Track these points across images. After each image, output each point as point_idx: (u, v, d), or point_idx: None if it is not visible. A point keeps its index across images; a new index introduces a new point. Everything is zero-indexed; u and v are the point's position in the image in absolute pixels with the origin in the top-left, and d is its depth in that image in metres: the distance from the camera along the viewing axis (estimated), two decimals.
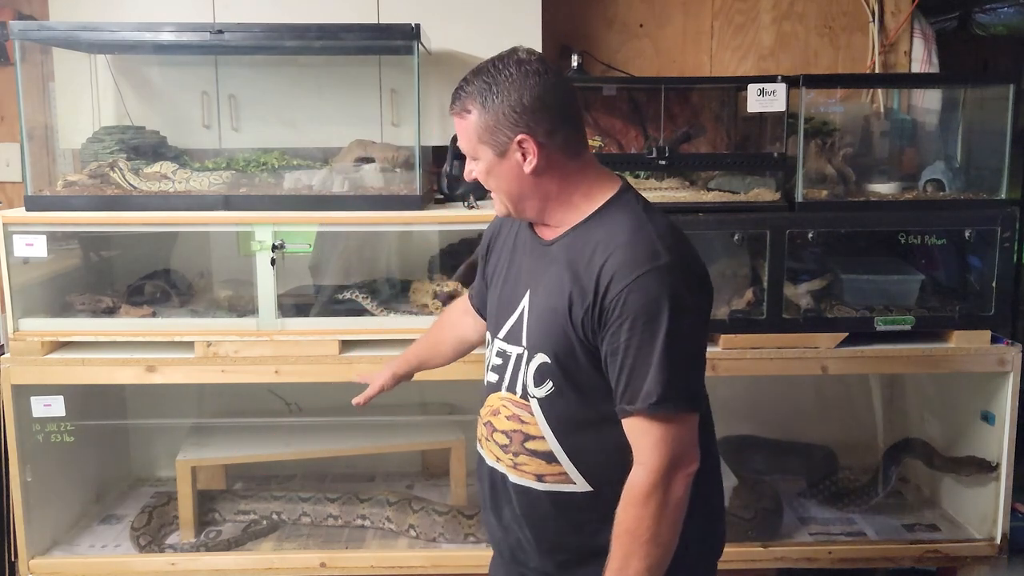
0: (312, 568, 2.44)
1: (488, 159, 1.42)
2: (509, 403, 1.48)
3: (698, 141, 2.69)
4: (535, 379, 1.44)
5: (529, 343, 1.45)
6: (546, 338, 1.42)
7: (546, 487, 1.46)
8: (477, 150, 1.42)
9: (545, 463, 1.45)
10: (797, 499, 2.73)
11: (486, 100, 1.39)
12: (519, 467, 1.48)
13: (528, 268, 1.49)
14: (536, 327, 1.44)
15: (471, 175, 1.48)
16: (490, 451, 1.54)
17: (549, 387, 1.43)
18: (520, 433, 1.46)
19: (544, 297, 1.44)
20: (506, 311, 1.51)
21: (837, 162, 2.56)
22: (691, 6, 2.93)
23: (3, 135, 2.91)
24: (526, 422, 1.46)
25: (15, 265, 2.34)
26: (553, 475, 1.45)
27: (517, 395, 1.47)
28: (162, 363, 2.34)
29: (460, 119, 1.42)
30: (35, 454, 2.40)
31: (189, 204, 2.36)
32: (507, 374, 1.49)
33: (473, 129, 1.40)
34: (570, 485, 1.45)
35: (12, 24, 2.34)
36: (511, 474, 1.49)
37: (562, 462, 1.44)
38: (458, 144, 1.48)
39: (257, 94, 2.69)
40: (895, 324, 2.42)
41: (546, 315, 1.43)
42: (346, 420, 2.70)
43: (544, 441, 1.45)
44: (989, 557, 2.48)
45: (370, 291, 2.51)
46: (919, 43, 2.90)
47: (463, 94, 1.41)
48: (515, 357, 1.47)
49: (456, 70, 2.60)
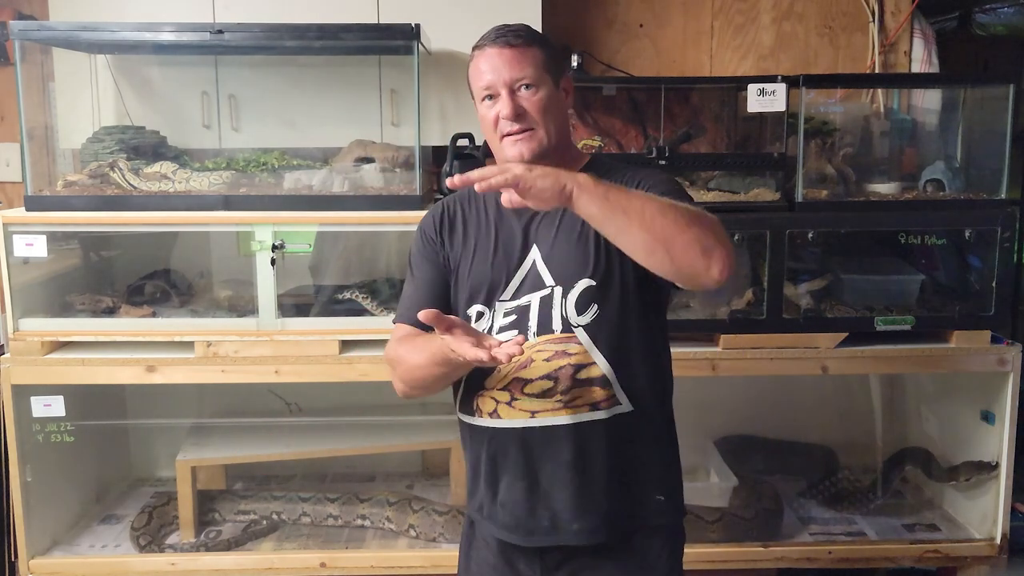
0: (312, 568, 2.44)
1: (550, 87, 1.53)
2: (547, 344, 1.51)
3: (698, 141, 2.69)
4: (578, 307, 1.51)
5: (561, 280, 1.52)
6: (583, 267, 1.51)
7: (601, 414, 1.51)
8: (542, 77, 1.52)
9: (600, 389, 1.51)
10: (797, 499, 2.73)
11: (545, 41, 1.56)
12: (571, 404, 1.51)
13: (522, 229, 1.57)
14: (565, 263, 1.52)
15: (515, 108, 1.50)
16: (522, 409, 1.53)
17: (594, 311, 1.51)
18: (569, 367, 1.50)
19: (564, 238, 1.53)
20: (504, 275, 1.56)
21: (837, 162, 2.56)
22: (691, 6, 2.93)
23: (3, 135, 2.91)
24: (573, 353, 1.50)
25: (15, 265, 2.34)
26: (606, 400, 1.51)
27: (557, 332, 1.51)
28: (162, 363, 2.34)
29: (522, 50, 1.51)
30: (35, 454, 2.40)
31: (189, 204, 2.36)
32: (533, 320, 1.52)
33: (539, 58, 1.52)
34: (619, 407, 1.52)
35: (12, 24, 2.34)
36: (560, 416, 1.51)
37: (613, 384, 1.51)
38: (519, 72, 1.51)
39: (257, 94, 2.69)
40: (895, 324, 2.42)
41: (577, 249, 1.52)
42: (346, 420, 2.70)
43: (596, 366, 1.51)
44: (989, 557, 2.48)
45: (370, 291, 2.51)
46: (919, 43, 2.90)
47: (522, 32, 1.53)
48: (540, 300, 1.52)
49: (456, 70, 2.61)
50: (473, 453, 1.63)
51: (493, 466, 1.58)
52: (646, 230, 1.32)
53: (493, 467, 1.58)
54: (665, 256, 1.33)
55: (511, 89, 1.51)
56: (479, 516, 1.64)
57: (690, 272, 1.35)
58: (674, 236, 1.32)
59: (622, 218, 1.33)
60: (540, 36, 1.57)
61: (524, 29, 1.55)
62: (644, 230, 1.32)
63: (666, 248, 1.32)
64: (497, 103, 1.52)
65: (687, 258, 1.33)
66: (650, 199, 1.35)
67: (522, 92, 1.51)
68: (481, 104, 1.56)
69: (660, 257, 1.33)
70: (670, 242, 1.32)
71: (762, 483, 2.64)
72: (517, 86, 1.51)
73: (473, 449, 1.62)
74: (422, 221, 1.69)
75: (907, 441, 2.82)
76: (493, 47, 1.53)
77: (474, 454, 1.62)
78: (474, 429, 1.60)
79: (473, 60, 1.58)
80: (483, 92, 1.55)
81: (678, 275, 1.37)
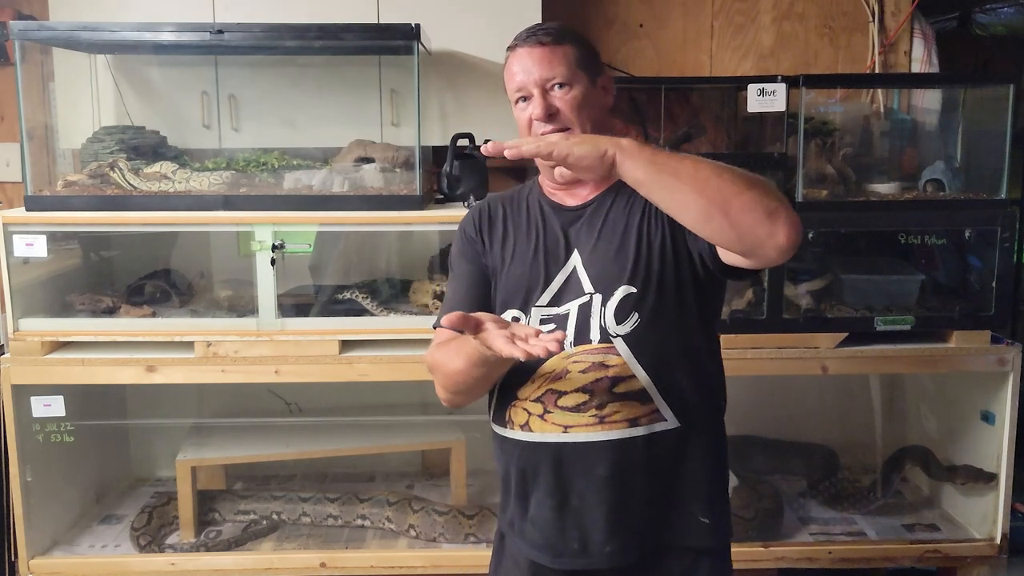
0: (312, 568, 2.44)
1: (584, 85, 1.48)
2: (584, 355, 1.45)
3: (698, 141, 2.68)
4: (617, 316, 1.44)
5: (600, 286, 1.45)
6: (622, 272, 1.44)
7: (641, 430, 1.44)
8: (575, 75, 1.47)
9: (639, 404, 1.44)
10: (797, 499, 2.73)
11: (578, 37, 1.51)
12: (607, 419, 1.43)
13: (560, 234, 1.51)
14: (604, 269, 1.46)
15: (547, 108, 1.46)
16: (555, 423, 1.46)
17: (635, 320, 1.44)
18: (606, 379, 1.43)
19: (605, 243, 1.47)
20: (542, 281, 1.50)
21: (837, 162, 2.56)
22: (691, 6, 2.93)
23: (3, 135, 2.91)
24: (611, 365, 1.43)
25: (15, 265, 2.34)
26: (647, 415, 1.44)
27: (594, 342, 1.44)
28: (162, 363, 2.33)
29: (553, 48, 1.47)
30: (35, 454, 2.40)
31: (189, 204, 2.36)
32: (570, 329, 1.46)
33: (572, 56, 1.48)
34: (662, 423, 1.45)
35: (12, 24, 2.34)
36: (596, 432, 1.44)
37: (654, 398, 1.44)
38: (549, 71, 1.47)
39: (257, 94, 2.69)
40: (895, 324, 2.42)
41: (617, 254, 1.46)
42: (346, 420, 2.71)
43: (636, 380, 1.44)
44: (989, 557, 2.48)
45: (370, 291, 2.51)
46: (919, 43, 2.90)
47: (553, 30, 1.49)
48: (578, 308, 1.46)
49: (456, 70, 2.61)
50: (504, 466, 1.56)
51: (523, 481, 1.52)
52: (700, 193, 1.22)
53: (523, 482, 1.52)
54: (723, 221, 1.23)
55: (543, 89, 1.47)
56: (510, 531, 1.58)
57: (752, 239, 1.24)
58: (732, 198, 1.22)
59: (672, 181, 1.24)
60: (573, 33, 1.52)
61: (556, 27, 1.51)
62: (698, 193, 1.22)
63: (724, 211, 1.22)
64: (530, 104, 1.48)
65: (748, 221, 1.22)
66: (702, 160, 1.26)
67: (555, 91, 1.47)
68: (516, 107, 1.52)
69: (718, 223, 1.23)
70: (728, 204, 1.22)
71: (762, 483, 2.64)
72: (549, 85, 1.47)
73: (504, 461, 1.56)
74: (463, 221, 1.65)
75: (907, 441, 2.81)
76: (524, 47, 1.49)
77: (505, 467, 1.56)
78: (505, 441, 1.53)
79: (507, 62, 1.53)
80: (516, 94, 1.50)
81: (739, 243, 1.26)
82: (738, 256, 1.31)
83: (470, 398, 1.53)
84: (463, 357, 1.42)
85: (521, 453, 1.50)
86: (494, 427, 1.57)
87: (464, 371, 1.44)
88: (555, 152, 1.23)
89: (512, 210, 1.60)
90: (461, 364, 1.43)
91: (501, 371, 1.47)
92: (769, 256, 1.26)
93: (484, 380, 1.48)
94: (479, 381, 1.47)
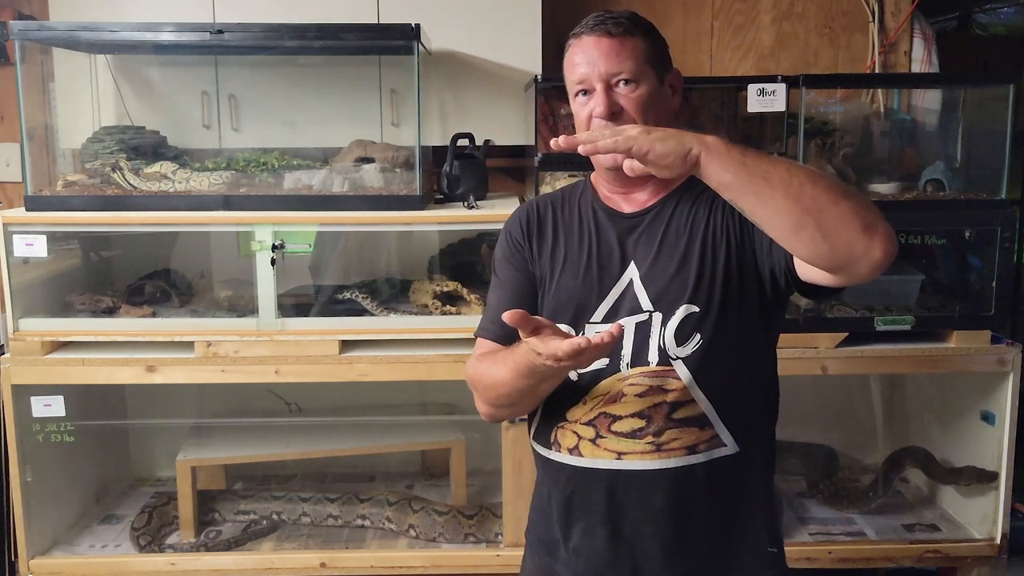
0: (312, 568, 2.44)
1: (652, 82, 1.37)
2: (641, 377, 1.35)
3: None
4: (677, 337, 1.34)
5: (660, 304, 1.35)
6: (684, 290, 1.34)
7: (700, 458, 1.35)
8: (643, 71, 1.36)
9: (698, 430, 1.34)
10: (797, 499, 2.73)
11: (649, 30, 1.40)
12: (665, 447, 1.34)
13: (616, 244, 1.41)
14: (665, 284, 1.36)
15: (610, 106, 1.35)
16: (609, 449, 1.36)
17: (696, 341, 1.34)
18: (664, 405, 1.33)
19: (666, 256, 1.37)
20: (596, 294, 1.39)
21: (837, 162, 2.56)
22: (691, 6, 2.93)
23: (3, 135, 2.91)
24: (671, 389, 1.34)
25: (15, 265, 2.34)
26: (706, 442, 1.35)
27: (652, 364, 1.35)
28: (162, 363, 2.33)
29: (621, 40, 1.36)
30: (35, 454, 2.40)
31: (189, 204, 2.36)
32: (626, 350, 1.36)
33: (641, 50, 1.37)
34: (722, 448, 1.36)
35: (12, 24, 2.34)
36: (654, 460, 1.34)
37: (714, 424, 1.35)
38: (616, 65, 1.35)
39: (257, 94, 2.69)
40: (895, 324, 2.42)
41: (679, 269, 1.36)
42: (346, 420, 2.71)
43: (696, 404, 1.34)
44: (989, 557, 2.48)
45: (370, 291, 2.51)
46: (919, 43, 2.90)
47: (624, 20, 1.38)
48: (636, 327, 1.36)
49: (456, 70, 2.61)
50: (545, 488, 1.47)
51: (568, 507, 1.42)
52: (793, 200, 1.12)
53: (567, 508, 1.42)
54: (816, 232, 1.13)
55: (607, 84, 1.35)
56: (544, 555, 1.49)
57: (847, 253, 1.14)
58: (827, 207, 1.12)
59: (763, 186, 1.13)
60: (644, 24, 1.41)
61: (627, 16, 1.39)
62: (791, 200, 1.12)
63: (818, 222, 1.12)
64: (591, 99, 1.36)
65: (844, 234, 1.13)
66: (795, 164, 1.16)
67: (620, 88, 1.35)
68: (574, 100, 1.40)
69: (810, 233, 1.13)
70: (823, 214, 1.12)
71: None
72: (614, 81, 1.35)
73: (547, 484, 1.46)
74: (507, 223, 1.52)
75: (907, 441, 2.82)
76: (591, 35, 1.37)
77: (546, 489, 1.47)
78: (549, 463, 1.43)
79: (568, 50, 1.41)
80: (576, 87, 1.38)
81: (831, 257, 1.16)
82: (822, 272, 1.22)
83: (515, 412, 1.45)
84: (509, 366, 1.32)
85: (568, 479, 1.41)
86: (535, 446, 1.47)
87: (509, 382, 1.34)
88: (634, 148, 1.13)
89: (563, 214, 1.48)
90: (507, 374, 1.34)
91: (550, 386, 1.36)
92: (860, 273, 1.18)
93: (530, 394, 1.37)
94: (524, 394, 1.36)
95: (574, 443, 1.39)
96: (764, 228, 1.19)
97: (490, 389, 1.40)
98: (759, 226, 1.21)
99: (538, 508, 1.51)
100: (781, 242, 1.19)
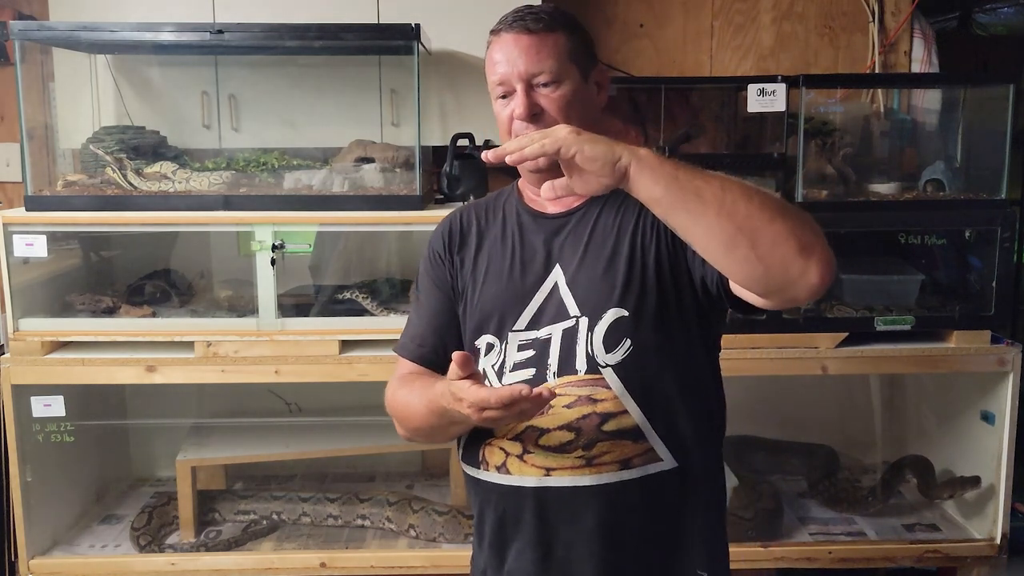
0: (312, 568, 2.44)
1: (576, 81, 1.31)
2: (568, 387, 1.28)
3: (698, 141, 2.68)
4: (606, 343, 1.27)
5: (587, 309, 1.28)
6: (612, 293, 1.28)
7: (634, 473, 1.27)
8: (565, 70, 1.30)
9: (631, 443, 1.27)
10: (797, 499, 2.73)
11: (572, 24, 1.34)
12: (595, 461, 1.26)
13: (541, 247, 1.35)
14: (592, 288, 1.29)
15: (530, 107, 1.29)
16: (535, 465, 1.29)
17: (627, 347, 1.27)
18: (594, 416, 1.26)
19: (593, 258, 1.30)
20: (518, 301, 1.33)
21: (837, 162, 2.56)
22: (691, 6, 2.93)
23: (3, 135, 2.91)
24: (600, 399, 1.26)
25: (15, 265, 2.34)
26: (640, 455, 1.27)
27: (580, 373, 1.27)
28: (162, 363, 2.33)
29: (542, 37, 1.30)
30: (35, 454, 2.40)
31: (189, 204, 2.36)
32: (553, 358, 1.29)
33: (563, 46, 1.31)
34: (658, 463, 1.28)
35: (12, 24, 2.34)
36: (583, 475, 1.27)
37: (649, 436, 1.27)
38: (536, 64, 1.29)
39: (257, 94, 2.69)
40: (895, 324, 2.42)
41: (607, 271, 1.29)
42: (346, 420, 2.70)
43: (628, 415, 1.26)
44: (989, 557, 2.48)
45: (370, 291, 2.51)
46: (919, 43, 2.90)
47: (544, 15, 1.31)
48: (563, 333, 1.29)
49: (456, 70, 2.61)
50: (478, 510, 1.40)
51: (500, 529, 1.35)
52: (727, 217, 1.06)
53: (500, 530, 1.35)
54: (749, 252, 1.07)
55: (528, 84, 1.29)
56: None
57: (781, 275, 1.09)
58: (762, 226, 1.06)
59: (695, 203, 1.07)
60: (566, 18, 1.34)
61: (548, 10, 1.32)
62: (724, 217, 1.06)
63: (751, 241, 1.06)
64: (512, 100, 1.30)
65: (778, 255, 1.07)
66: (730, 180, 1.10)
67: (541, 89, 1.29)
68: (495, 102, 1.34)
69: (743, 254, 1.08)
70: (757, 234, 1.06)
71: (762, 483, 2.64)
72: (535, 81, 1.29)
73: (478, 505, 1.40)
74: (431, 237, 1.47)
75: (907, 442, 2.82)
76: (509, 32, 1.30)
77: (479, 511, 1.40)
78: (478, 483, 1.37)
79: (488, 48, 1.35)
80: (496, 88, 1.33)
81: (764, 280, 1.11)
82: (754, 294, 1.16)
83: (431, 442, 1.42)
84: (423, 402, 1.28)
85: (498, 499, 1.33)
86: (464, 467, 1.39)
87: (422, 417, 1.30)
88: (563, 149, 1.08)
89: (487, 221, 1.42)
90: (421, 409, 1.29)
91: (461, 429, 1.32)
92: (795, 296, 1.12)
93: (442, 432, 1.33)
94: (435, 431, 1.32)
95: (501, 460, 1.31)
96: (696, 247, 1.14)
97: (405, 420, 1.37)
98: (691, 245, 1.15)
99: (475, 536, 1.44)
100: (713, 263, 1.14)
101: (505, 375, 1.33)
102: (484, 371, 1.35)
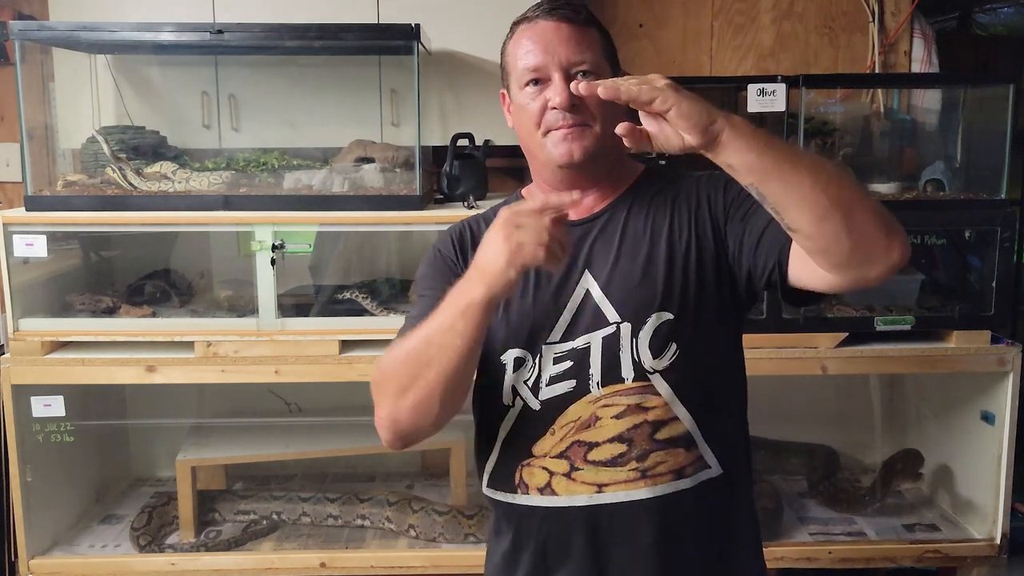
0: (312, 568, 2.44)
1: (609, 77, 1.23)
2: (615, 396, 1.22)
3: None
4: (653, 348, 1.22)
5: (628, 314, 1.23)
6: (655, 296, 1.23)
7: (688, 482, 1.24)
8: (601, 66, 1.26)
9: (684, 451, 1.23)
10: (797, 499, 2.73)
11: (601, 25, 1.31)
12: (650, 472, 1.21)
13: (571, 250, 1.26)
14: (631, 292, 1.24)
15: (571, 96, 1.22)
16: (587, 482, 1.22)
17: (674, 351, 1.22)
18: (646, 425, 1.21)
19: (627, 261, 1.26)
20: (548, 312, 1.27)
21: (837, 162, 2.56)
22: (691, 6, 2.93)
23: (3, 135, 2.91)
24: (651, 407, 1.22)
25: (15, 265, 2.34)
26: (692, 464, 1.24)
27: (628, 381, 1.22)
28: (162, 363, 2.33)
29: (582, 29, 1.25)
30: (35, 454, 2.40)
31: (189, 204, 2.36)
32: (595, 367, 1.23)
33: (600, 43, 1.27)
34: (707, 471, 1.25)
35: (12, 24, 2.34)
36: (640, 489, 1.21)
37: (698, 443, 1.24)
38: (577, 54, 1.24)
39: (257, 94, 2.69)
40: (895, 324, 2.42)
41: (645, 273, 1.24)
42: (346, 420, 2.70)
43: (679, 422, 1.22)
44: (989, 557, 2.48)
45: (370, 291, 2.51)
46: (919, 43, 2.90)
47: (583, 9, 1.27)
48: (602, 341, 1.23)
49: (456, 70, 2.61)
50: (511, 539, 1.30)
51: (542, 558, 1.27)
52: (821, 190, 1.04)
53: (543, 559, 1.27)
54: (841, 225, 1.05)
55: (566, 73, 1.22)
56: None
57: (866, 250, 1.08)
58: (855, 202, 1.06)
59: (791, 172, 1.04)
60: (594, 19, 1.30)
61: (584, 6, 1.28)
62: (819, 190, 1.04)
63: (844, 215, 1.04)
64: (545, 89, 1.23)
65: (867, 230, 1.06)
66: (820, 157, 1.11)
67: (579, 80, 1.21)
68: (521, 91, 1.26)
69: (834, 226, 1.05)
70: (850, 208, 1.05)
71: (762, 483, 2.64)
72: (574, 71, 1.23)
73: (514, 535, 1.29)
74: (438, 241, 1.41)
75: (907, 442, 2.82)
76: (548, 20, 1.24)
77: (513, 541, 1.30)
78: (513, 509, 1.28)
79: (515, 36, 1.27)
80: (528, 75, 1.24)
81: (851, 252, 1.07)
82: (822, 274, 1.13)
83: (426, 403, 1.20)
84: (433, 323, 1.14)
85: (540, 524, 1.26)
86: (493, 495, 1.30)
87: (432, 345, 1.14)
88: (658, 101, 1.04)
89: None
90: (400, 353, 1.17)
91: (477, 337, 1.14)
92: (872, 273, 1.10)
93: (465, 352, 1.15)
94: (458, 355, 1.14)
95: (544, 481, 1.24)
96: (783, 216, 1.09)
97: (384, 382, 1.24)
98: (778, 213, 1.09)
99: (501, 569, 1.33)
100: (797, 231, 1.09)
101: (542, 389, 1.27)
102: (515, 387, 1.29)
